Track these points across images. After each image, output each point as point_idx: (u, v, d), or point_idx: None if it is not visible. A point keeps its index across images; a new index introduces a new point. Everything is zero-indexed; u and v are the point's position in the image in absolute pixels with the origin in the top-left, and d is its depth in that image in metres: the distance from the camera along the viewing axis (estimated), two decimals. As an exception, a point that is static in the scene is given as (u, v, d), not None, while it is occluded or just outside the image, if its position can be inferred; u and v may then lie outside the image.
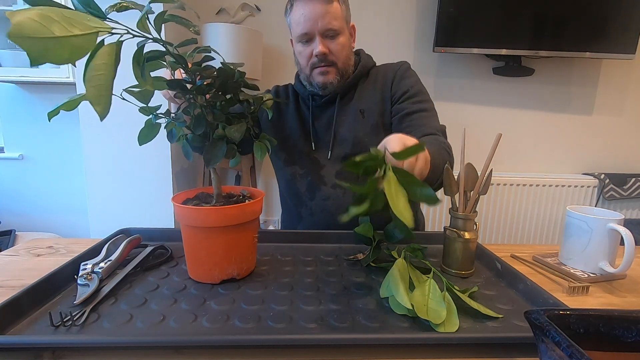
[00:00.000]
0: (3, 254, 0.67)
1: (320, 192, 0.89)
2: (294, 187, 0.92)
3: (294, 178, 0.92)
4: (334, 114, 0.89)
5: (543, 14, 1.74)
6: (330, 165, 0.89)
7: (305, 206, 0.91)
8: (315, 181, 0.89)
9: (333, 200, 0.88)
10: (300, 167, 0.91)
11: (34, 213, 1.95)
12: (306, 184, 0.90)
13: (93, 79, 0.35)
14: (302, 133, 0.91)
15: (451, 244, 0.61)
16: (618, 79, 1.98)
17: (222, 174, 1.99)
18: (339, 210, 0.87)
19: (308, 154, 0.90)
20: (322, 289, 0.54)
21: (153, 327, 0.44)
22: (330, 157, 0.89)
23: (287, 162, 0.93)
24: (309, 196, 0.90)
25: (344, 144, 0.88)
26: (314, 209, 0.90)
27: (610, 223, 0.60)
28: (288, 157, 0.92)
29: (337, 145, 0.89)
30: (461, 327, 0.45)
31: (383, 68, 0.92)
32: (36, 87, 1.82)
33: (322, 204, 0.89)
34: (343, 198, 0.87)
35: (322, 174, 0.89)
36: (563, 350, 0.26)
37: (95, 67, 0.35)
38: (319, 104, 0.90)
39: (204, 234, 0.54)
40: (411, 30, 1.89)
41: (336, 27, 0.81)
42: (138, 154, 1.50)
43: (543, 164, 2.07)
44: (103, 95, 0.36)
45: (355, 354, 0.41)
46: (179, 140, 0.56)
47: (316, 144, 0.91)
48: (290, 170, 0.92)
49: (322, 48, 0.81)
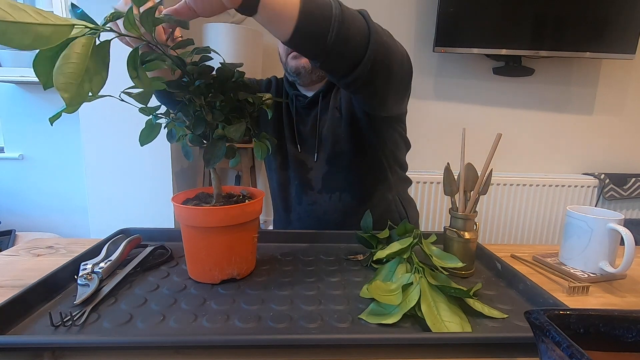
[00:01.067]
0: (3, 254, 0.67)
1: (307, 197, 0.87)
2: (285, 191, 0.91)
3: (285, 182, 0.91)
4: (317, 114, 0.86)
5: (543, 14, 1.74)
6: (316, 168, 0.86)
7: (294, 211, 0.90)
8: (303, 185, 0.88)
9: (319, 205, 0.86)
10: (291, 170, 0.90)
11: (34, 213, 1.95)
12: (295, 188, 0.89)
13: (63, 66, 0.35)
14: (290, 134, 0.89)
15: (451, 244, 0.61)
16: (618, 79, 1.98)
17: (222, 174, 1.99)
18: (325, 215, 0.86)
19: (296, 157, 0.89)
20: (322, 289, 0.54)
21: (153, 327, 0.44)
22: (317, 159, 0.87)
23: (282, 165, 0.91)
24: (297, 201, 0.89)
25: (327, 144, 0.85)
26: (301, 214, 0.89)
27: (610, 223, 0.60)
28: (283, 160, 0.91)
29: (321, 147, 0.86)
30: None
31: None
32: (36, 87, 1.82)
33: (309, 208, 0.87)
34: (329, 202, 0.86)
35: (310, 178, 0.87)
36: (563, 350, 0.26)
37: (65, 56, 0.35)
38: (303, 105, 0.88)
39: (204, 234, 0.54)
40: (411, 30, 1.89)
41: None
42: (138, 154, 1.51)
43: (543, 164, 2.07)
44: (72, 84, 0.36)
45: (355, 354, 0.41)
46: (179, 140, 0.56)
47: (301, 146, 0.88)
48: (283, 174, 0.91)
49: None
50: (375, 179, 0.87)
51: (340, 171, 0.85)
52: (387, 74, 0.59)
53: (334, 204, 0.86)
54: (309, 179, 0.88)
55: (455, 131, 1.30)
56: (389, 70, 0.59)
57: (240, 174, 1.81)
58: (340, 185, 0.86)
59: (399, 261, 0.57)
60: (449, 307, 0.47)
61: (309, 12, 0.48)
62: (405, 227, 0.65)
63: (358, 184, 0.86)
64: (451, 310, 0.46)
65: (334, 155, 0.85)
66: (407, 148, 0.95)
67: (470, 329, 0.44)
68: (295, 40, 0.50)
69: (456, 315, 0.46)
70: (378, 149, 0.85)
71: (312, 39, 0.51)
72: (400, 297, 0.48)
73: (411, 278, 0.51)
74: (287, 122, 0.89)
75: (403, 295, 0.48)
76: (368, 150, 0.84)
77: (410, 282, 0.50)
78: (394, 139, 0.88)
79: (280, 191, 0.92)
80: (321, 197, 0.86)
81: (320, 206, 0.87)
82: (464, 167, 0.62)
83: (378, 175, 0.87)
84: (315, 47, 0.51)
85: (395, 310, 0.47)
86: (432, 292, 0.49)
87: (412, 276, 0.52)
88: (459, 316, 0.46)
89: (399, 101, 0.74)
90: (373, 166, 0.87)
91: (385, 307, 0.48)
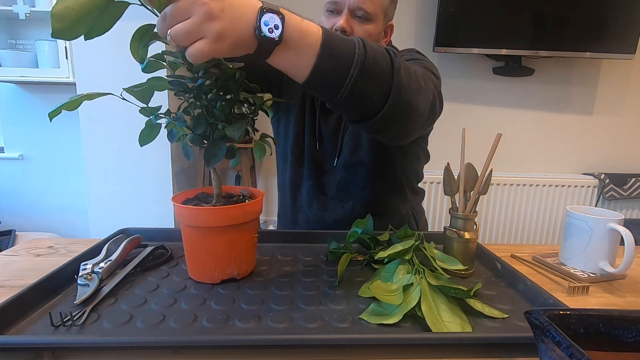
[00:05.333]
0: (3, 254, 0.67)
1: (319, 201, 0.85)
2: (297, 189, 0.88)
3: (298, 179, 0.87)
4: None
5: (543, 14, 1.74)
6: (333, 172, 0.84)
7: (303, 212, 0.88)
8: (316, 188, 0.85)
9: (330, 212, 0.84)
10: (305, 168, 0.86)
11: (34, 213, 1.95)
12: (307, 188, 0.86)
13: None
14: (310, 129, 0.85)
15: (451, 244, 0.61)
16: (618, 79, 1.98)
17: (222, 174, 1.99)
18: (336, 224, 0.83)
19: (313, 154, 0.85)
20: (322, 289, 0.54)
21: (153, 327, 0.44)
22: (336, 164, 0.83)
23: (297, 161, 0.87)
24: (308, 203, 0.86)
25: (347, 150, 0.82)
26: (310, 218, 0.86)
27: (610, 223, 0.60)
28: (299, 155, 0.87)
29: (342, 150, 0.83)
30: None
31: None
32: (36, 87, 1.82)
33: (319, 214, 0.85)
34: (341, 211, 0.83)
35: (324, 182, 0.85)
36: (563, 350, 0.26)
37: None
38: None
39: (204, 234, 0.54)
40: (411, 30, 1.89)
41: (369, 10, 0.73)
42: (138, 154, 1.50)
43: (543, 164, 2.07)
44: (67, 18, 0.35)
45: (355, 354, 0.41)
46: (179, 140, 0.56)
47: (320, 144, 0.85)
48: (298, 170, 0.87)
49: (344, 23, 0.72)
50: (392, 193, 0.86)
51: (358, 181, 0.83)
52: (407, 121, 0.55)
53: (345, 213, 0.83)
54: (324, 182, 0.85)
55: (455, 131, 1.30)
56: (409, 119, 0.55)
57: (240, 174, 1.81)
58: (355, 195, 0.83)
59: (400, 262, 0.57)
60: (449, 307, 0.47)
61: (323, 66, 0.45)
62: (406, 232, 0.65)
63: (373, 196, 0.83)
64: (451, 310, 0.46)
65: (353, 163, 0.82)
66: (426, 160, 0.94)
67: (471, 329, 0.44)
68: (308, 86, 0.47)
69: (456, 316, 0.46)
70: (398, 163, 0.84)
71: (323, 92, 0.49)
72: (401, 297, 0.48)
73: (412, 279, 0.51)
74: (309, 113, 0.85)
75: (403, 296, 0.48)
76: (388, 163, 0.82)
77: (410, 283, 0.50)
78: (415, 152, 0.87)
79: (292, 189, 0.89)
80: (334, 203, 0.84)
81: (331, 213, 0.84)
82: (464, 167, 0.62)
83: (395, 190, 0.86)
84: (325, 97, 0.49)
85: (395, 311, 0.47)
86: (433, 292, 0.49)
87: (413, 277, 0.52)
88: (459, 316, 0.46)
89: (423, 132, 0.72)
90: (391, 180, 0.85)
91: (386, 307, 0.48)
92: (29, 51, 1.70)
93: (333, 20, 0.75)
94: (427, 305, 0.46)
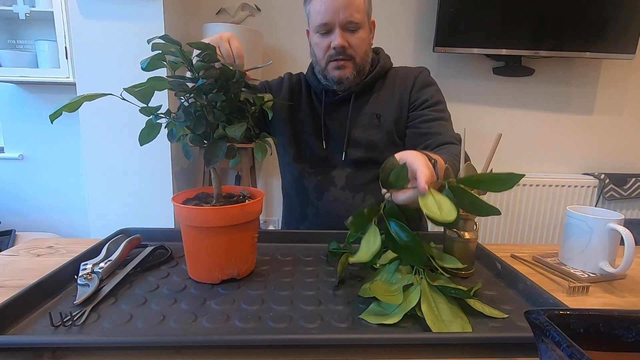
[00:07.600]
0: (3, 254, 0.67)
1: (329, 193, 0.87)
2: (301, 185, 0.90)
3: (302, 175, 0.89)
4: (349, 113, 0.86)
5: (543, 14, 1.74)
6: (342, 166, 0.87)
7: (311, 205, 0.89)
8: (325, 181, 0.87)
9: (342, 203, 0.86)
10: (310, 165, 0.89)
11: (34, 213, 1.95)
12: (314, 183, 0.88)
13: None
14: (314, 129, 0.88)
15: (451, 244, 0.61)
16: (618, 79, 1.98)
17: (222, 174, 1.99)
18: (347, 213, 0.85)
19: (319, 153, 0.88)
20: (322, 289, 0.54)
21: (153, 327, 0.44)
22: (345, 158, 0.87)
23: (296, 159, 0.90)
24: (317, 196, 0.88)
25: (358, 147, 0.86)
26: (320, 210, 0.88)
27: (610, 223, 0.60)
28: (298, 153, 0.90)
29: (350, 147, 0.86)
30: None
31: (402, 72, 0.90)
32: (36, 87, 1.82)
33: (330, 205, 0.87)
34: (352, 201, 0.86)
35: (333, 175, 0.87)
36: (563, 350, 0.26)
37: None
38: (332, 101, 0.88)
39: (204, 234, 0.54)
40: (411, 30, 1.89)
41: (358, 20, 0.78)
42: (138, 154, 1.51)
43: (543, 164, 2.07)
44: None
45: (355, 354, 0.41)
46: (179, 140, 0.56)
47: (327, 142, 0.88)
48: (299, 167, 0.90)
49: (341, 41, 0.78)
50: None
51: (368, 174, 0.86)
52: None
53: (357, 203, 0.85)
54: (332, 175, 0.87)
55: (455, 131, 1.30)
56: None
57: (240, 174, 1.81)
58: (367, 186, 0.86)
59: (400, 262, 0.57)
60: (449, 307, 0.47)
61: None
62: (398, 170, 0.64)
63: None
64: (451, 310, 0.46)
65: (365, 160, 0.85)
66: None
67: (471, 329, 0.44)
68: None
69: (456, 316, 0.46)
70: None
71: None
72: (401, 297, 0.48)
73: (412, 279, 0.51)
74: (310, 115, 0.89)
75: (404, 296, 0.48)
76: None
77: (410, 283, 0.50)
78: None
79: (297, 185, 0.91)
80: (344, 194, 0.86)
81: (343, 204, 0.86)
82: (464, 167, 0.62)
83: None
84: None
85: (395, 311, 0.47)
86: (433, 293, 0.49)
87: (413, 277, 0.52)
88: (460, 316, 0.46)
89: None
90: None
91: (386, 307, 0.48)
92: (29, 51, 1.70)
93: (327, 40, 0.80)
94: (427, 305, 0.46)
